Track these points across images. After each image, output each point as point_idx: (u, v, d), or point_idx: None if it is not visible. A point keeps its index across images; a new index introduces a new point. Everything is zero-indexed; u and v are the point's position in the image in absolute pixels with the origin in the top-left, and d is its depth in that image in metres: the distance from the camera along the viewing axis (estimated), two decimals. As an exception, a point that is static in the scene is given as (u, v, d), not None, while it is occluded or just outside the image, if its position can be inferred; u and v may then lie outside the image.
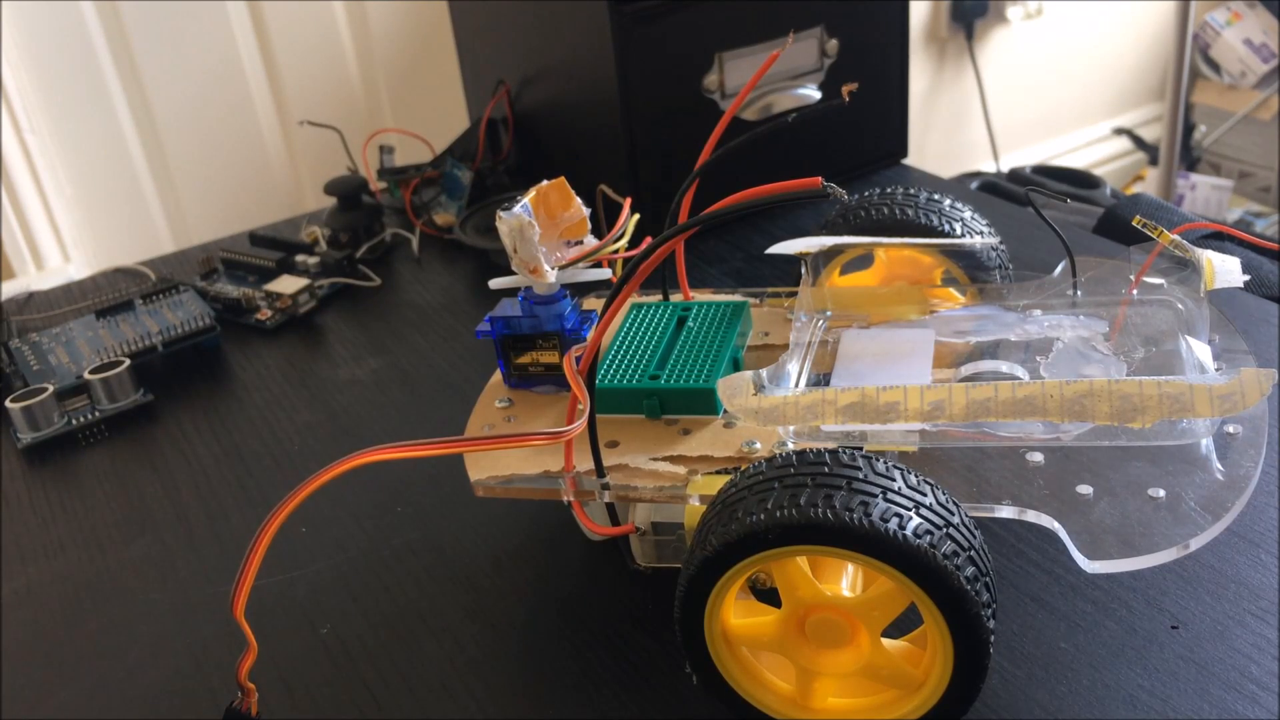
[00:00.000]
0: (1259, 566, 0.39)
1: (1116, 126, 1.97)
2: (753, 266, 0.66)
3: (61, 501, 0.52)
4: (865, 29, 0.71)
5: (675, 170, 0.66)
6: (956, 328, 0.42)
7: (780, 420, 0.35)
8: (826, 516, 0.29)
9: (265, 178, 1.18)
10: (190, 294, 0.67)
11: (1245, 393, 0.31)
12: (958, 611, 0.29)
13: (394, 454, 0.27)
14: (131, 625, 0.44)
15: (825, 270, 0.47)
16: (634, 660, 0.39)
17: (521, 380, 0.44)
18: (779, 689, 0.34)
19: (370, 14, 1.16)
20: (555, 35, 0.71)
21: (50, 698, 0.41)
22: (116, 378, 0.58)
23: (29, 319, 0.70)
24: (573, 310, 0.43)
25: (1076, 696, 0.35)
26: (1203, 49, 1.88)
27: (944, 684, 0.31)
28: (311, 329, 0.66)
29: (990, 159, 1.80)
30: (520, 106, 0.78)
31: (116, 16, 1.05)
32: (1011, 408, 0.33)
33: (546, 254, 0.40)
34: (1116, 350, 0.39)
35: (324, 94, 1.17)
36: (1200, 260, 0.39)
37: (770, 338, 0.45)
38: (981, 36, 1.73)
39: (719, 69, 0.67)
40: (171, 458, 0.54)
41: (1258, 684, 0.35)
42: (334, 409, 0.57)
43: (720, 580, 0.31)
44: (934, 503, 0.30)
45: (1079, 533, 0.33)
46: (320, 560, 0.46)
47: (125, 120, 1.09)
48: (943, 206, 0.47)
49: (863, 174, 0.76)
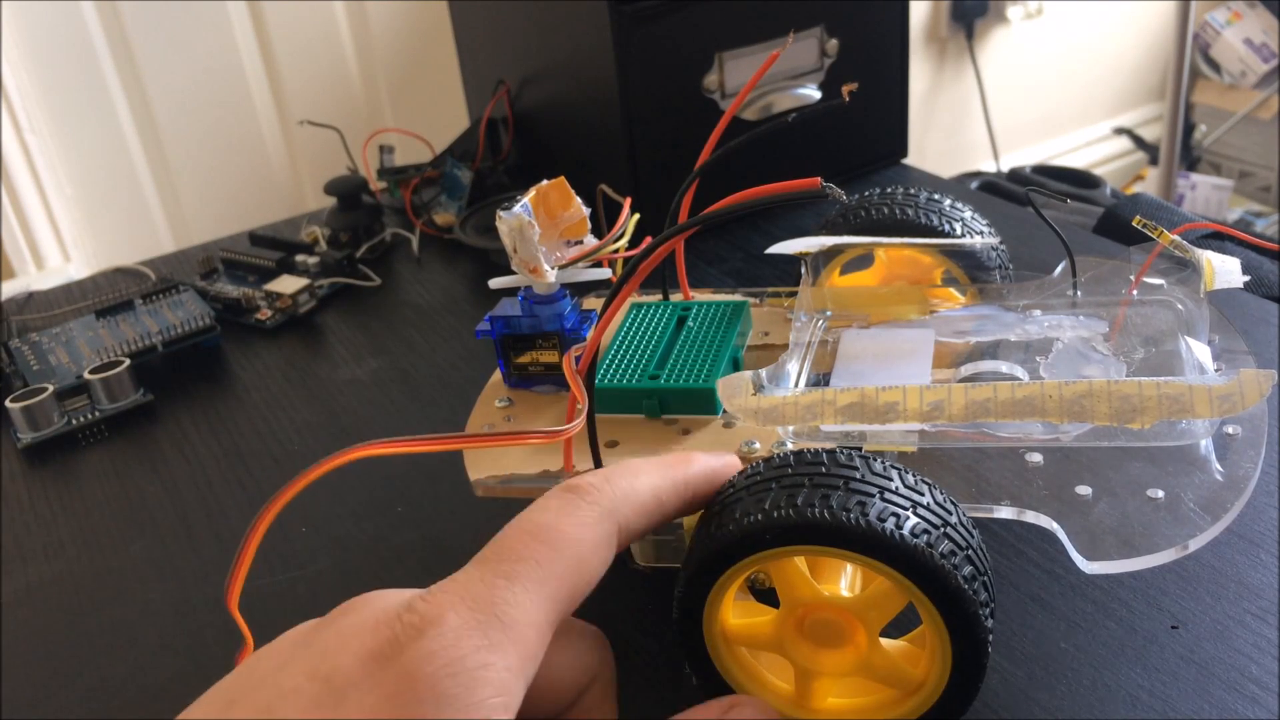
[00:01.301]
0: (1259, 566, 0.39)
1: (1116, 126, 1.97)
2: (752, 266, 0.66)
3: (61, 501, 0.52)
4: (865, 29, 0.71)
5: (675, 170, 0.66)
6: (956, 328, 0.42)
7: (780, 420, 0.35)
8: (823, 516, 0.29)
9: (265, 178, 1.18)
10: (190, 294, 0.67)
11: (1245, 393, 0.31)
12: (956, 611, 0.29)
13: (390, 449, 0.27)
14: (131, 625, 0.44)
15: (825, 270, 0.47)
16: (633, 660, 0.39)
17: (521, 380, 0.44)
18: (777, 689, 0.34)
19: (370, 14, 1.16)
20: (555, 35, 0.71)
21: (50, 698, 0.41)
22: (116, 378, 0.58)
23: (29, 319, 0.70)
24: (572, 310, 0.43)
25: (1076, 696, 0.35)
26: (1203, 49, 1.88)
27: (942, 684, 0.31)
28: (311, 329, 0.66)
29: (990, 159, 1.80)
30: (520, 106, 0.78)
31: (116, 16, 1.05)
32: (1011, 408, 0.33)
33: (546, 254, 0.40)
34: (1116, 351, 0.39)
35: (324, 94, 1.18)
36: (1200, 260, 0.39)
37: (770, 337, 0.45)
38: (981, 36, 1.74)
39: (719, 69, 0.67)
40: (171, 458, 0.54)
41: (1258, 684, 0.35)
42: (334, 409, 0.57)
43: (718, 580, 0.31)
44: (931, 502, 0.30)
45: (1078, 533, 0.33)
46: (320, 560, 0.46)
47: (125, 120, 1.09)
48: (943, 206, 0.47)
49: (863, 174, 0.76)
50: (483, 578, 0.25)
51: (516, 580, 0.25)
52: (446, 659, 0.23)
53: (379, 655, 0.23)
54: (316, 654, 0.24)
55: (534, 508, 0.27)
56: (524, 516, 0.27)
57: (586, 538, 0.26)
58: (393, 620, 0.24)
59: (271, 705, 0.23)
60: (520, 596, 0.25)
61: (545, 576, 0.25)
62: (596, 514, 0.27)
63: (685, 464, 0.31)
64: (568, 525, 0.26)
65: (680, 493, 0.30)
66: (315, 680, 0.23)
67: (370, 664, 0.23)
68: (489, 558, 0.25)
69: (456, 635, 0.23)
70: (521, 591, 0.25)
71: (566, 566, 0.26)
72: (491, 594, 0.24)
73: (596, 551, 0.27)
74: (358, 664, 0.23)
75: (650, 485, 0.29)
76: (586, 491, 0.27)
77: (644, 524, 0.29)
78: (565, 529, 0.26)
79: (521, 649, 0.24)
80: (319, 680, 0.23)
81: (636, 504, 0.28)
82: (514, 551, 0.25)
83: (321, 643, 0.24)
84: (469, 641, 0.23)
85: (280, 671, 0.24)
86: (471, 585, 0.24)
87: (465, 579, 0.25)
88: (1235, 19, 1.85)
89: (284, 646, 0.25)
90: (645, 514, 0.28)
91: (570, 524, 0.26)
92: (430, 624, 0.23)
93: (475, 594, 0.24)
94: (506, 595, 0.24)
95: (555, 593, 0.25)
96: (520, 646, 0.24)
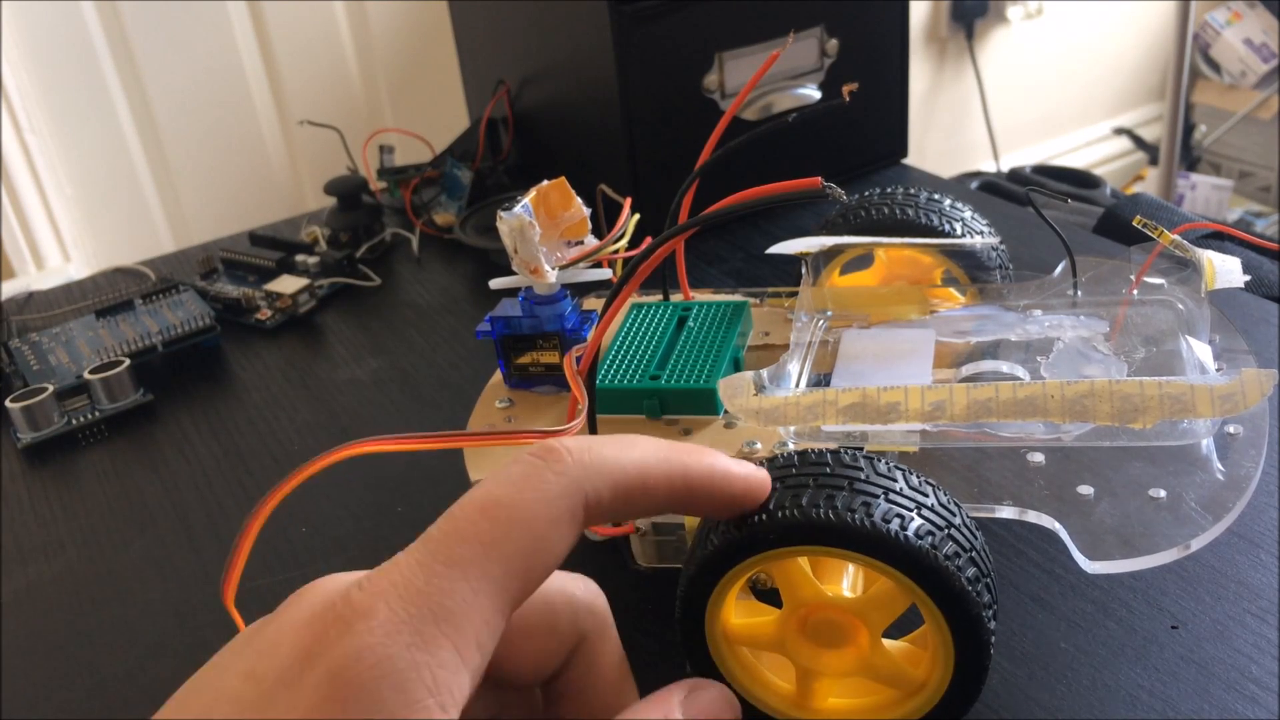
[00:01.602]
0: (1259, 566, 0.39)
1: (1116, 126, 1.97)
2: (753, 266, 0.66)
3: (61, 501, 0.52)
4: (865, 29, 0.71)
5: (675, 170, 0.66)
6: (957, 328, 0.42)
7: (781, 420, 0.35)
8: (828, 517, 0.29)
9: (265, 178, 1.18)
10: (190, 294, 0.67)
11: (1246, 393, 0.31)
12: (959, 613, 0.29)
13: (385, 446, 0.26)
14: (131, 625, 0.44)
15: (825, 270, 0.47)
16: (634, 660, 0.39)
17: (522, 380, 0.44)
18: (779, 689, 0.34)
19: (370, 14, 1.16)
20: (555, 35, 0.71)
21: (50, 698, 0.41)
22: (116, 378, 0.58)
23: (29, 319, 0.70)
24: (573, 310, 0.43)
25: (1076, 696, 0.35)
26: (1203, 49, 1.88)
27: (944, 685, 0.31)
28: (311, 329, 0.66)
29: (990, 159, 1.80)
30: (520, 106, 0.78)
31: (116, 16, 1.05)
32: (1013, 408, 0.33)
33: (547, 254, 0.40)
34: (1117, 350, 0.39)
35: (324, 94, 1.18)
36: (1201, 260, 0.39)
37: (771, 338, 0.45)
38: (981, 36, 1.74)
39: (719, 69, 0.67)
40: (171, 458, 0.54)
41: (1258, 684, 0.35)
42: (334, 409, 0.57)
43: (721, 580, 0.31)
44: (936, 504, 0.30)
45: (1080, 533, 0.33)
46: (320, 560, 0.46)
47: (125, 120, 1.09)
48: (943, 206, 0.47)
49: (863, 174, 0.76)
50: (422, 563, 0.22)
51: (457, 566, 0.22)
52: (374, 659, 0.21)
53: (308, 653, 0.21)
54: (254, 652, 0.23)
55: (494, 475, 0.24)
56: (480, 486, 0.24)
57: (542, 514, 0.24)
58: (324, 612, 0.22)
59: (209, 707, 0.22)
60: (460, 585, 0.22)
61: (492, 560, 0.23)
62: (561, 486, 0.24)
63: (694, 455, 0.27)
64: (525, 499, 0.23)
65: (674, 482, 0.26)
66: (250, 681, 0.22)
67: (301, 662, 0.21)
68: (434, 536, 0.23)
69: (385, 632, 0.21)
70: (461, 579, 0.22)
71: (518, 548, 0.23)
72: (429, 584, 0.22)
73: (555, 528, 0.24)
74: (288, 662, 0.22)
75: (638, 461, 0.25)
76: (556, 459, 0.24)
77: (621, 503, 0.25)
78: (521, 504, 0.23)
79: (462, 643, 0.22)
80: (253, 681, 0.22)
81: (612, 478, 0.25)
82: (460, 531, 0.23)
83: (261, 639, 0.23)
84: (398, 639, 0.21)
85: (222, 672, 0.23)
86: (410, 572, 0.22)
87: (405, 563, 0.22)
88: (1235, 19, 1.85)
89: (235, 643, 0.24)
90: (622, 492, 0.25)
91: (528, 498, 0.24)
92: (359, 617, 0.21)
93: (411, 583, 0.22)
94: (445, 585, 0.22)
95: (504, 578, 0.23)
96: (460, 640, 0.22)
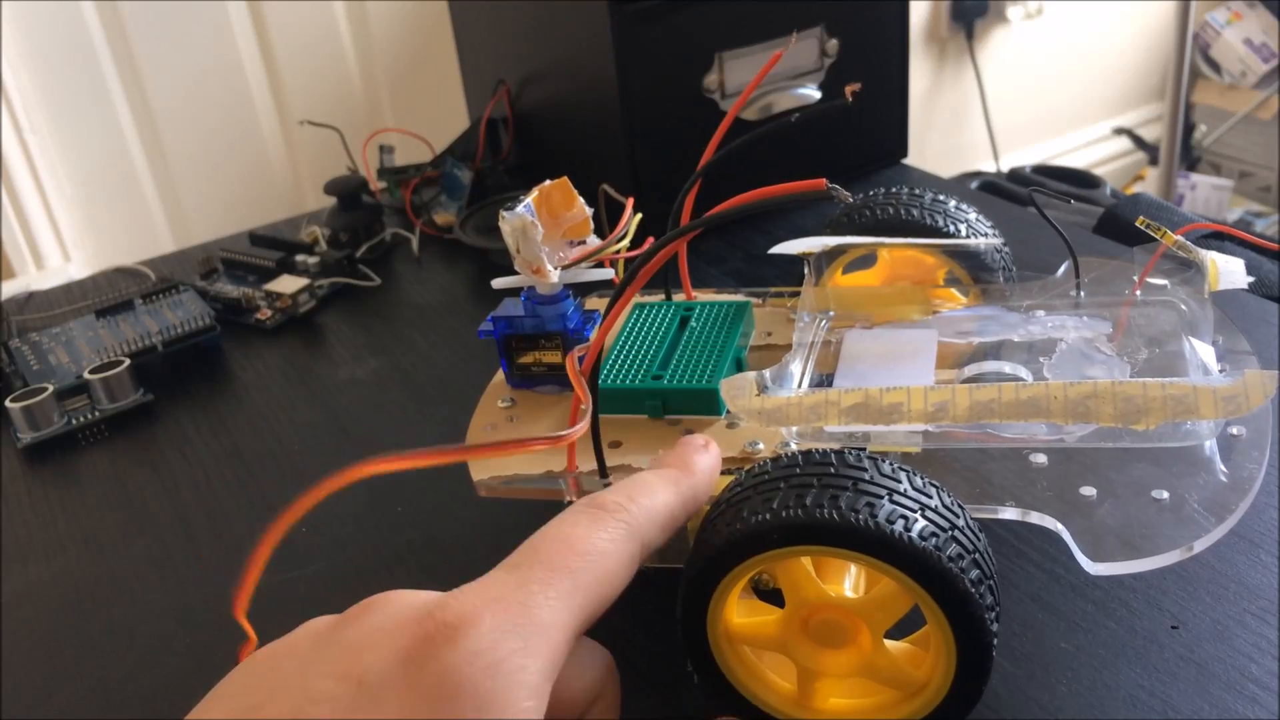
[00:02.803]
0: (1259, 566, 0.39)
1: (1116, 126, 1.97)
2: (755, 266, 0.66)
3: (61, 501, 0.52)
4: (865, 29, 0.71)
5: (675, 170, 0.66)
6: (959, 328, 0.42)
7: (784, 421, 0.35)
8: (832, 517, 0.29)
9: (265, 178, 1.18)
10: (190, 294, 0.67)
11: (1249, 394, 0.31)
12: (962, 614, 0.29)
13: (394, 465, 0.26)
14: (131, 625, 0.44)
15: (828, 270, 0.47)
16: (635, 660, 0.39)
17: (524, 380, 0.44)
18: (781, 689, 0.34)
19: (370, 14, 1.16)
20: (555, 35, 0.71)
21: (50, 698, 0.41)
22: (116, 377, 0.58)
23: (29, 319, 0.70)
24: (575, 310, 0.43)
25: (1076, 696, 0.35)
26: (1203, 49, 1.88)
27: (946, 686, 0.31)
28: (311, 329, 0.66)
29: (990, 159, 1.80)
30: (520, 106, 0.78)
31: (116, 16, 1.05)
32: (1015, 409, 0.33)
33: (549, 254, 0.40)
34: (1120, 351, 0.39)
35: (324, 94, 1.17)
36: (1204, 261, 0.39)
37: (773, 338, 0.45)
38: (981, 36, 1.74)
39: (719, 69, 0.67)
40: (171, 458, 0.54)
41: (1258, 684, 0.35)
42: (334, 409, 0.57)
43: (723, 580, 0.31)
44: (939, 505, 0.30)
45: (1082, 534, 0.33)
46: (320, 560, 0.46)
47: (125, 120, 1.09)
48: (948, 207, 0.47)
49: (863, 174, 0.76)
50: (518, 582, 0.25)
51: (550, 586, 0.25)
52: (487, 661, 0.23)
53: (413, 656, 0.23)
54: (345, 654, 0.24)
55: (564, 520, 0.28)
56: (555, 527, 0.27)
57: (615, 553, 0.27)
58: (423, 619, 0.24)
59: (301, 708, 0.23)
60: (553, 603, 0.25)
61: (575, 586, 0.26)
62: (624, 532, 0.28)
63: (689, 473, 0.31)
64: (599, 540, 0.27)
65: (689, 506, 0.31)
66: (347, 682, 0.23)
67: (406, 664, 0.23)
68: (521, 563, 0.26)
69: (495, 637, 0.23)
70: (555, 597, 0.25)
71: (595, 578, 0.26)
72: (527, 598, 0.25)
73: (622, 568, 0.27)
74: (391, 664, 0.23)
75: (666, 503, 0.30)
76: (614, 510, 0.28)
77: (663, 541, 0.30)
78: (598, 544, 0.27)
79: (551, 654, 0.24)
80: (351, 682, 0.23)
81: (658, 523, 0.29)
82: (548, 559, 0.26)
83: (347, 642, 0.24)
84: (507, 644, 0.23)
85: (307, 672, 0.24)
86: (505, 588, 0.25)
87: (497, 582, 0.25)
88: (1235, 19, 1.85)
89: (303, 645, 0.25)
90: (665, 532, 0.29)
91: (601, 539, 0.27)
92: (468, 624, 0.24)
93: (510, 597, 0.25)
94: (540, 601, 0.25)
95: (583, 603, 0.26)
96: (550, 651, 0.24)
